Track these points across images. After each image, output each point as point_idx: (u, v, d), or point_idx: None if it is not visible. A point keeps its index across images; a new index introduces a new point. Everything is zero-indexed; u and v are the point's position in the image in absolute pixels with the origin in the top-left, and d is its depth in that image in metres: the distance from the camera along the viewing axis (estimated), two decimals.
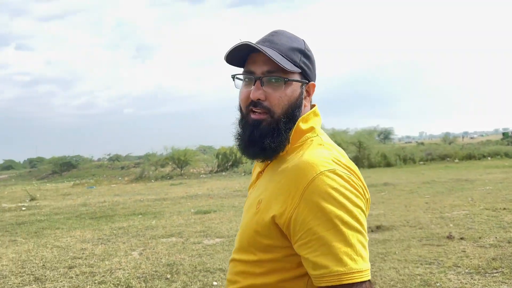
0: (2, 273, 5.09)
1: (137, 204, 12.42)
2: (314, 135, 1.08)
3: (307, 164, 0.96)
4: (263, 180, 1.11)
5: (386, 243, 5.57)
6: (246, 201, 1.19)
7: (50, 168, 41.05)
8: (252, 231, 1.02)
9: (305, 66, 1.07)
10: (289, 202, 0.95)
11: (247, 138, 1.05)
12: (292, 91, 1.04)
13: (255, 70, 1.04)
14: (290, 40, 1.07)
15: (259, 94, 1.02)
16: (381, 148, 27.58)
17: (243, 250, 1.06)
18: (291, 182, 0.96)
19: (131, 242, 6.57)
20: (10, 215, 11.43)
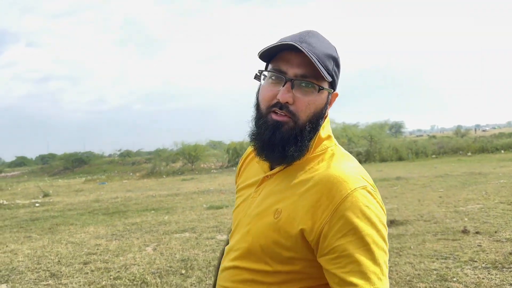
0: (19, 269, 5.15)
1: (149, 199, 12.49)
2: (332, 144, 1.06)
3: (339, 179, 0.94)
4: (275, 186, 1.04)
5: (400, 237, 5.52)
6: (246, 203, 1.11)
7: (61, 164, 41.48)
8: (271, 241, 0.97)
9: (335, 75, 1.02)
10: (320, 215, 0.92)
11: (267, 140, 0.99)
12: (321, 99, 1.00)
13: (287, 71, 0.97)
14: (325, 45, 1.01)
15: (289, 97, 0.96)
16: (392, 142, 27.41)
17: (253, 258, 1.01)
18: (322, 196, 0.93)
19: (145, 238, 6.61)
20: (24, 211, 11.57)
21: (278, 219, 0.97)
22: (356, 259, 0.88)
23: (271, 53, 1.00)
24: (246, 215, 1.08)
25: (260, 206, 1.04)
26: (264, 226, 0.99)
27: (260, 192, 1.07)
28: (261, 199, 1.05)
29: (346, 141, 27.21)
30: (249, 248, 1.02)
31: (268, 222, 0.99)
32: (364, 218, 0.90)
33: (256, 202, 1.06)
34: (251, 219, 1.05)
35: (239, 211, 1.13)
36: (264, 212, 1.02)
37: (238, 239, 1.07)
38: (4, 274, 4.96)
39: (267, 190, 1.05)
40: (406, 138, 36.05)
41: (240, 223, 1.09)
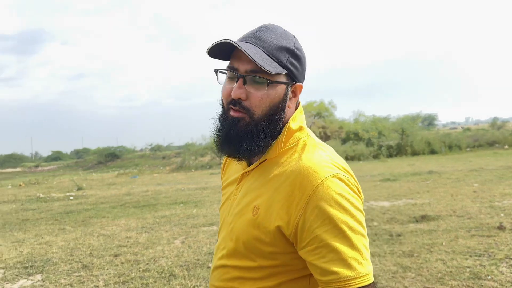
0: (53, 260, 5.31)
1: (178, 193, 12.66)
2: (304, 135, 1.05)
3: (309, 170, 0.94)
4: (252, 183, 1.05)
5: (432, 233, 5.37)
6: (229, 202, 1.12)
7: (95, 158, 42.66)
8: (252, 238, 0.99)
9: (292, 67, 1.01)
10: (294, 209, 0.93)
11: (224, 136, 1.01)
12: (275, 93, 0.99)
13: (238, 67, 0.98)
14: (279, 37, 1.00)
15: (240, 93, 0.97)
16: (425, 135, 26.71)
17: (238, 256, 1.02)
18: (294, 189, 0.94)
19: (174, 231, 6.69)
20: (59, 204, 11.95)
21: (256, 216, 0.98)
22: (334, 247, 0.89)
23: (228, 50, 1.00)
24: (229, 213, 1.09)
25: (240, 204, 1.05)
26: (244, 224, 1.01)
27: (240, 190, 1.08)
28: (241, 196, 1.07)
29: (376, 135, 26.71)
30: (233, 246, 1.03)
31: (248, 219, 1.00)
32: (337, 206, 0.90)
33: (237, 200, 1.07)
34: (233, 217, 1.06)
35: (224, 209, 1.14)
36: (244, 209, 1.03)
37: (223, 237, 1.09)
38: (39, 265, 5.13)
39: (246, 187, 1.07)
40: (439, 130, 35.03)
41: (224, 222, 1.11)
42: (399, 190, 9.53)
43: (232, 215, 1.07)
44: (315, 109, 33.86)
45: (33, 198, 14.36)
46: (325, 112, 34.07)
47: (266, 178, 1.02)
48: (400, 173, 13.64)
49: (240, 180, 1.10)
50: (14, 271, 4.95)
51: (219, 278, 1.07)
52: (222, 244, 1.09)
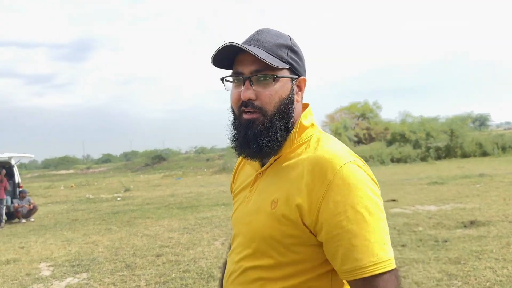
0: (98, 259, 5.51)
1: (220, 195, 12.81)
2: (316, 131, 1.07)
3: (327, 158, 0.95)
4: (268, 181, 1.06)
5: (481, 240, 5.10)
6: (242, 206, 1.11)
7: (143, 161, 44.03)
8: (272, 231, 0.98)
9: (293, 62, 1.04)
10: (314, 196, 0.93)
11: (242, 139, 1.03)
12: (282, 87, 1.02)
13: (243, 71, 1.01)
14: (275, 37, 1.04)
15: (250, 94, 1.00)
16: (476, 136, 25.54)
17: (257, 255, 1.01)
18: (313, 177, 0.95)
19: (214, 232, 6.76)
20: (107, 205, 12.42)
21: (275, 209, 0.98)
22: (355, 233, 0.88)
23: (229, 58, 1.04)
24: (244, 215, 1.08)
25: (257, 203, 1.05)
26: (263, 219, 1.00)
27: (255, 191, 1.08)
28: (256, 196, 1.07)
29: (423, 136, 25.82)
30: (252, 246, 1.02)
31: (267, 214, 1.00)
32: (357, 190, 0.91)
33: (252, 201, 1.07)
34: (249, 217, 1.05)
35: (237, 215, 1.13)
36: (261, 206, 1.03)
37: (239, 240, 1.08)
38: (85, 264, 5.33)
39: (261, 187, 1.07)
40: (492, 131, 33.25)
41: (239, 225, 1.10)
42: (447, 194, 9.15)
43: (248, 215, 1.06)
44: (359, 110, 33.22)
45: (83, 199, 15.02)
46: (369, 113, 33.34)
47: (281, 173, 1.03)
48: (449, 176, 13.10)
49: (254, 182, 1.11)
50: (62, 269, 5.17)
51: (238, 282, 1.05)
52: (238, 248, 1.08)
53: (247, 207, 1.08)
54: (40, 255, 6.04)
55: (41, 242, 7.11)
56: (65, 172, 46.04)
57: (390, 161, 24.01)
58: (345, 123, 30.95)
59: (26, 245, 6.90)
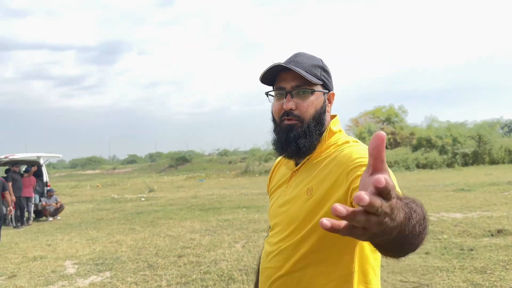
0: (121, 259, 5.60)
1: (242, 197, 12.84)
2: (343, 135, 1.28)
3: (355, 153, 1.12)
4: (302, 176, 1.25)
5: (509, 249, 4.95)
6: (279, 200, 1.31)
7: (167, 162, 44.57)
8: (308, 213, 1.16)
9: (324, 79, 1.27)
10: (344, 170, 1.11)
11: (284, 140, 1.24)
12: (316, 99, 1.24)
13: (285, 86, 1.24)
14: (310, 59, 1.27)
15: (291, 105, 1.22)
16: (505, 142, 24.82)
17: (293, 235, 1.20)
18: (341, 160, 1.14)
19: (235, 235, 6.78)
20: (131, 205, 12.63)
21: (311, 195, 1.18)
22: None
23: (272, 77, 1.27)
24: (282, 206, 1.28)
25: (293, 193, 1.25)
26: (300, 205, 1.20)
27: (290, 186, 1.29)
28: (292, 189, 1.27)
29: (450, 142, 25.26)
30: (288, 229, 1.21)
31: (303, 200, 1.19)
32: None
33: (288, 193, 1.27)
34: (286, 205, 1.25)
35: (275, 207, 1.32)
36: (297, 195, 1.22)
37: (278, 228, 1.27)
38: (109, 263, 5.43)
39: (296, 181, 1.27)
40: None
41: (277, 216, 1.29)
42: (474, 201, 8.92)
43: (285, 204, 1.26)
44: (384, 115, 32.79)
45: (108, 199, 15.31)
46: (395, 117, 32.85)
47: (314, 168, 1.22)
48: (476, 183, 12.77)
49: (289, 178, 1.31)
50: (87, 267, 5.29)
51: (277, 259, 1.23)
52: (276, 234, 1.26)
53: (284, 199, 1.28)
54: (65, 253, 6.19)
55: (67, 240, 7.28)
56: (92, 172, 47.05)
57: (415, 166, 23.59)
58: (369, 127, 30.60)
59: (52, 243, 7.08)
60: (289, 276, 1.21)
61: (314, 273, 1.17)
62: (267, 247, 1.31)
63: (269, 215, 1.37)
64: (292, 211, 1.22)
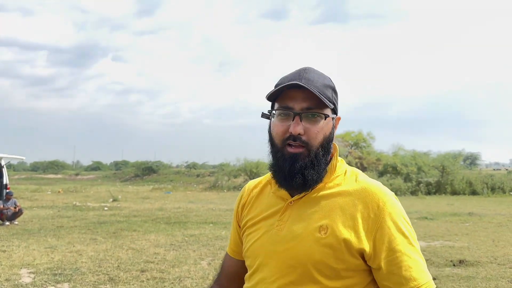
0: (81, 270, 5.38)
1: (209, 212, 12.69)
2: (345, 165, 1.18)
3: (372, 189, 1.07)
4: (306, 209, 1.10)
5: (469, 280, 5.07)
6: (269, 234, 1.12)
7: (133, 171, 43.60)
8: (323, 257, 1.03)
9: (335, 102, 1.14)
10: (368, 224, 1.03)
11: (287, 171, 1.08)
12: (326, 125, 1.10)
13: (293, 106, 1.08)
14: (322, 78, 1.12)
15: (299, 129, 1.06)
16: (466, 174, 25.70)
17: (304, 281, 1.04)
18: (367, 204, 1.05)
19: (201, 251, 6.67)
20: (93, 214, 12.23)
21: (326, 235, 1.04)
22: (412, 257, 1.02)
23: (277, 92, 1.11)
24: (276, 243, 1.10)
25: (296, 230, 1.08)
26: (310, 245, 1.04)
27: (287, 219, 1.11)
28: (292, 224, 1.10)
29: (415, 170, 25.94)
30: (294, 272, 1.05)
31: (315, 240, 1.04)
32: (404, 221, 1.06)
33: (286, 228, 1.10)
34: (286, 243, 1.08)
35: (262, 244, 1.13)
36: (304, 233, 1.06)
37: (271, 269, 1.09)
38: (68, 273, 5.21)
39: (297, 214, 1.11)
40: (481, 171, 33.50)
41: (268, 254, 1.10)
42: (437, 230, 9.14)
43: (286, 243, 1.08)
44: (353, 139, 33.35)
45: (69, 206, 14.80)
46: (362, 142, 33.49)
47: (324, 202, 1.09)
48: (439, 212, 13.12)
49: (284, 210, 1.13)
50: (44, 277, 5.05)
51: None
52: (271, 277, 1.08)
53: (279, 235, 1.10)
54: (21, 261, 5.90)
55: (23, 247, 6.96)
56: (53, 176, 45.53)
57: None
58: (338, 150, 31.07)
59: (8, 249, 6.74)
60: None
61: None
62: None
63: (252, 251, 1.15)
64: (298, 251, 1.05)
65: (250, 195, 1.27)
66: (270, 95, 1.11)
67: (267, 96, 1.12)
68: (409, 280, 1.00)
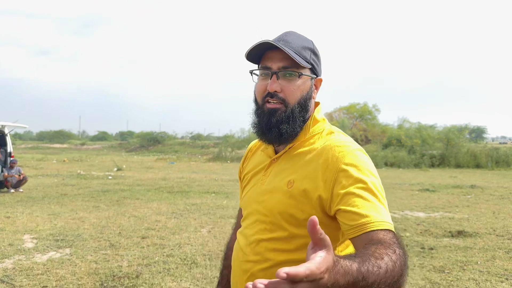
0: (83, 236, 5.47)
1: (211, 182, 12.78)
2: (327, 125, 1.23)
3: (338, 145, 1.12)
4: (283, 165, 1.20)
5: (467, 250, 5.10)
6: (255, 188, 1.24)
7: (138, 142, 43.84)
8: (287, 207, 1.13)
9: (314, 63, 1.20)
10: (328, 175, 1.08)
11: (265, 125, 1.17)
12: (303, 84, 1.17)
13: (271, 66, 1.16)
14: (301, 40, 1.19)
15: (276, 87, 1.15)
16: (471, 147, 25.51)
17: (273, 228, 1.15)
18: (326, 160, 1.10)
19: (202, 219, 6.74)
20: (97, 182, 12.36)
21: (291, 188, 1.13)
22: (367, 198, 1.03)
23: (258, 54, 1.19)
24: (258, 195, 1.21)
25: (272, 183, 1.19)
26: (279, 197, 1.15)
27: (269, 174, 1.22)
28: (271, 178, 1.21)
29: (419, 143, 25.82)
30: (267, 220, 1.17)
31: (283, 192, 1.14)
32: (365, 170, 1.08)
33: (266, 183, 1.21)
34: (263, 196, 1.19)
35: (250, 195, 1.26)
36: (277, 186, 1.17)
37: (253, 218, 1.22)
38: (69, 239, 5.30)
39: (276, 170, 1.21)
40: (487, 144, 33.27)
41: (253, 204, 1.23)
42: (437, 202, 9.16)
43: (262, 194, 1.20)
44: (358, 111, 33.17)
45: (74, 174, 14.95)
46: (368, 115, 33.28)
47: (296, 159, 1.18)
48: (441, 184, 13.13)
49: (268, 166, 1.24)
50: (46, 243, 5.14)
51: (254, 252, 1.18)
52: (252, 224, 1.21)
53: (261, 188, 1.22)
54: (25, 227, 6.00)
55: (27, 213, 7.06)
56: (59, 146, 45.84)
57: (383, 164, 24.05)
58: (343, 122, 30.88)
59: (12, 215, 6.85)
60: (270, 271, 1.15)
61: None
62: (241, 239, 1.25)
63: (243, 203, 1.31)
64: (271, 202, 1.17)
65: (248, 153, 1.42)
66: (253, 57, 1.19)
67: (246, 56, 1.19)
68: (361, 216, 1.01)
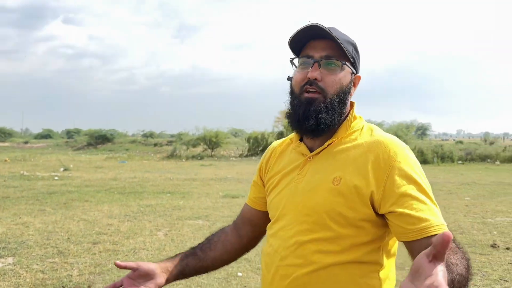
0: (28, 243, 5.06)
1: (166, 182, 12.42)
2: (365, 122, 1.19)
3: (387, 141, 1.08)
4: (323, 163, 1.15)
5: None
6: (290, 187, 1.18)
7: (85, 140, 42.03)
8: (335, 205, 1.07)
9: (355, 58, 1.17)
10: (379, 174, 1.04)
11: (302, 113, 1.12)
12: (344, 76, 1.14)
13: (313, 55, 1.13)
14: (344, 35, 1.16)
15: (317, 74, 1.10)
16: (418, 144, 26.62)
17: (317, 228, 1.09)
18: (378, 155, 1.06)
19: (157, 222, 6.47)
20: (42, 183, 11.65)
21: (339, 185, 1.08)
22: (424, 201, 1.01)
23: (300, 45, 1.16)
24: (295, 195, 1.15)
25: (312, 182, 1.13)
26: (324, 194, 1.09)
27: (306, 173, 1.16)
28: (310, 177, 1.15)
29: None
30: (309, 220, 1.10)
31: (328, 189, 1.09)
32: (417, 170, 1.06)
33: (304, 181, 1.15)
34: (303, 195, 1.13)
35: (283, 196, 1.19)
36: (320, 184, 1.11)
37: (289, 218, 1.15)
38: (12, 247, 4.88)
39: (314, 168, 1.15)
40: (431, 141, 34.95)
41: (287, 205, 1.16)
42: None
43: (302, 194, 1.14)
44: None
45: (16, 175, 14.03)
46: None
47: (339, 155, 1.13)
48: None
49: (303, 165, 1.18)
50: None
51: (295, 255, 1.10)
52: (288, 225, 1.14)
53: (298, 187, 1.16)
54: None
55: None
56: (0, 144, 43.18)
57: None
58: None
59: None
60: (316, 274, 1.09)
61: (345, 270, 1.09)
62: (275, 242, 1.17)
63: (275, 203, 1.23)
64: (314, 201, 1.11)
65: (274, 152, 1.34)
66: (294, 46, 1.15)
67: (289, 44, 1.15)
68: (421, 220, 0.99)
